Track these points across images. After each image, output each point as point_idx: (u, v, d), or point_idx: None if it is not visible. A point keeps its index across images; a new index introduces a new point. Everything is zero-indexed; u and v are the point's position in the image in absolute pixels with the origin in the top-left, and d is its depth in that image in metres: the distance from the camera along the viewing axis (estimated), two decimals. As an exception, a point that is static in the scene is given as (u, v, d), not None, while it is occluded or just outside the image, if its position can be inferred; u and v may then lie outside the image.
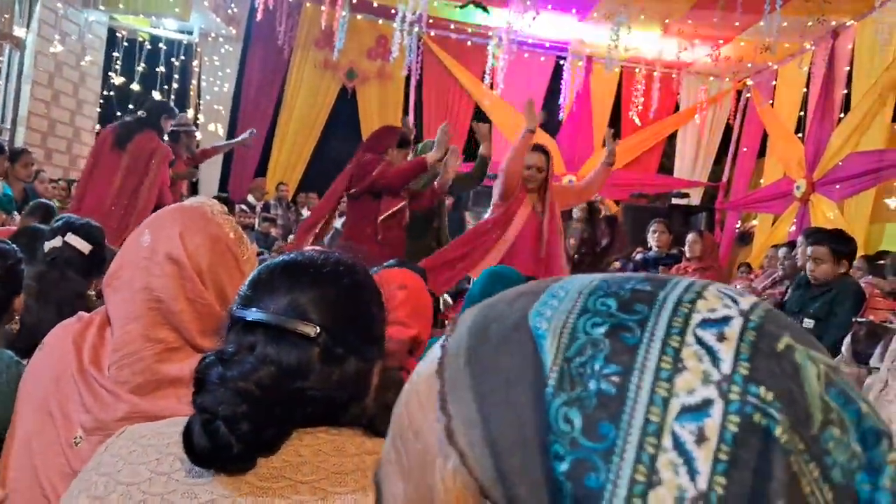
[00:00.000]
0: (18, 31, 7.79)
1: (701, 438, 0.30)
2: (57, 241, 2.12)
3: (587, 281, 0.37)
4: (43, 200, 5.11)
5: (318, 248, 1.57)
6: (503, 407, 0.33)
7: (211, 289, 1.21)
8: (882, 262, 5.30)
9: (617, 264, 6.02)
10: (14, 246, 1.74)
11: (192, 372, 0.86)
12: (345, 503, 0.81)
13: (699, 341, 0.32)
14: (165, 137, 5.14)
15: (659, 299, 0.34)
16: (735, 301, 0.34)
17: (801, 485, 0.30)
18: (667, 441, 0.30)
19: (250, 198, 9.01)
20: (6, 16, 7.70)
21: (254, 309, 0.87)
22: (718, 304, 0.34)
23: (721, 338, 0.32)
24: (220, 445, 0.79)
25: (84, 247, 2.13)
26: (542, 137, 7.12)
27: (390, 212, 4.09)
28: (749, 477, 0.29)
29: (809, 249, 3.79)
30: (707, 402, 0.31)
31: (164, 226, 1.24)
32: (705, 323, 0.33)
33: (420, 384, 0.38)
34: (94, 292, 2.16)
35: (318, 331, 0.85)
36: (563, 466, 0.31)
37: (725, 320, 0.33)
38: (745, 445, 0.30)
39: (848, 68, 7.48)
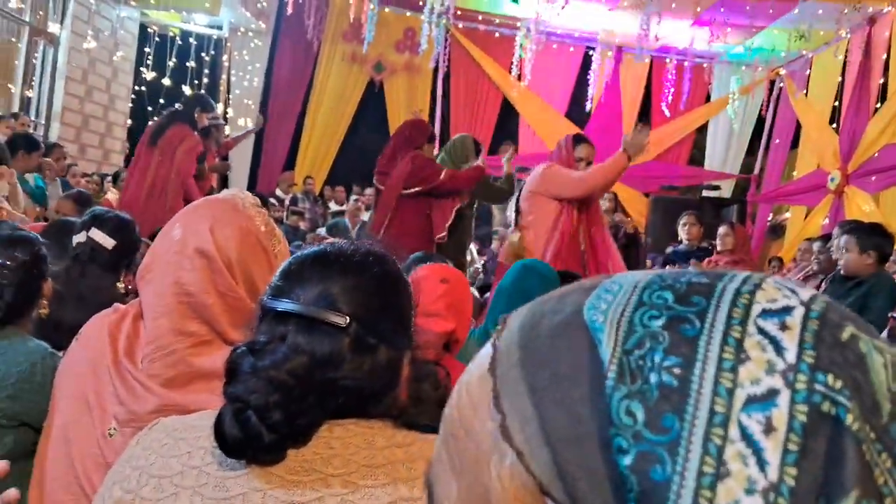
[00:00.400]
0: (52, 28, 7.93)
1: (769, 429, 0.30)
2: (82, 237, 2.14)
3: (640, 276, 0.37)
4: (79, 189, 5.21)
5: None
6: (559, 402, 0.33)
7: (241, 282, 1.21)
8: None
9: (648, 262, 5.95)
10: (33, 233, 1.76)
11: (224, 364, 0.86)
12: (375, 497, 0.81)
13: (761, 331, 0.32)
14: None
15: (717, 291, 0.34)
16: (794, 292, 0.34)
17: (874, 474, 0.29)
18: (734, 432, 0.30)
19: (278, 191, 9.08)
20: (41, 13, 7.83)
21: (285, 300, 0.87)
22: (778, 294, 0.34)
23: (783, 327, 0.32)
24: (251, 435, 0.79)
25: (107, 242, 2.13)
26: (570, 129, 7.09)
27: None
28: (821, 467, 0.29)
29: (841, 240, 3.73)
30: (773, 392, 0.30)
31: (194, 219, 1.25)
32: (766, 313, 0.33)
33: (471, 383, 0.38)
34: (122, 286, 2.17)
35: (349, 321, 0.85)
36: (627, 460, 0.31)
37: (787, 310, 0.33)
38: (815, 435, 0.29)
39: (885, 56, 7.30)
